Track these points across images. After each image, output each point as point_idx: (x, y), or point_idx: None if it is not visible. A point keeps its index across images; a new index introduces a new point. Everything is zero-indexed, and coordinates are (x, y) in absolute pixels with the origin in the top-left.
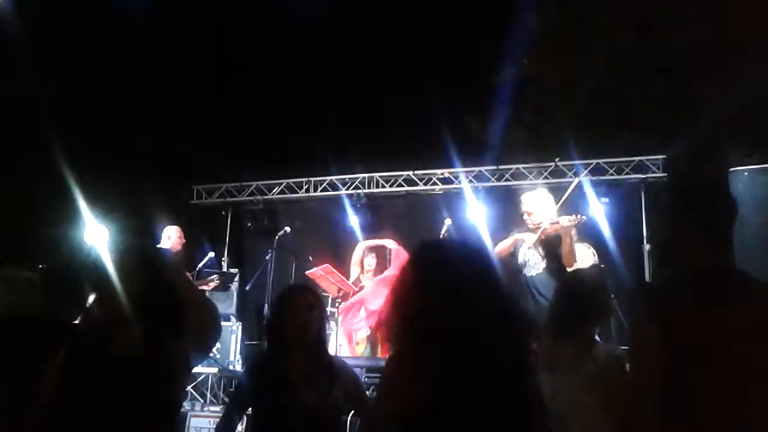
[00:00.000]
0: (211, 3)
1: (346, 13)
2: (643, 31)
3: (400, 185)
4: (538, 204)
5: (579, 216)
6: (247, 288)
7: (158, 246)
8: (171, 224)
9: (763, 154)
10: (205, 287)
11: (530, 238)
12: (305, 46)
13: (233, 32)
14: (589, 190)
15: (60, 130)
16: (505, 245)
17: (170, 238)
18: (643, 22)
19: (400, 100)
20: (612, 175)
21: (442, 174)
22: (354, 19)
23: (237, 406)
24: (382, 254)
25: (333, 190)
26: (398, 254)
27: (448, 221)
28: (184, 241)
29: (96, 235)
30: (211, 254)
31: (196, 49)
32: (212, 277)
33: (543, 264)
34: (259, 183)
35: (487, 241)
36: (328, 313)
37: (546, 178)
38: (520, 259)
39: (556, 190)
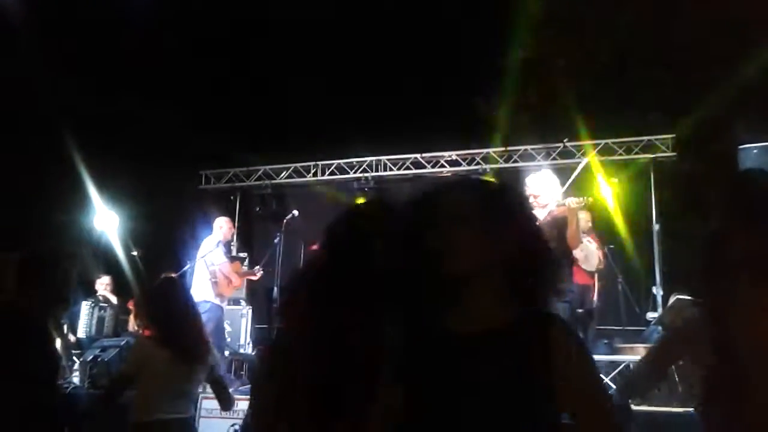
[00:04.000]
0: None
1: None
2: (651, 10)
3: (407, 168)
4: (544, 186)
5: (586, 198)
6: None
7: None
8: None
9: None
10: (252, 277)
11: (540, 214)
12: (312, 31)
13: (239, 20)
14: (597, 170)
15: (70, 117)
16: None
17: (222, 228)
18: (651, 1)
19: (407, 83)
20: (621, 154)
21: (450, 156)
22: (360, 4)
23: None
24: None
25: (340, 174)
26: None
27: None
28: (234, 231)
29: (105, 220)
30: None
31: (204, 36)
32: (257, 267)
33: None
34: (267, 167)
35: None
36: None
37: (554, 159)
38: None
39: (565, 171)
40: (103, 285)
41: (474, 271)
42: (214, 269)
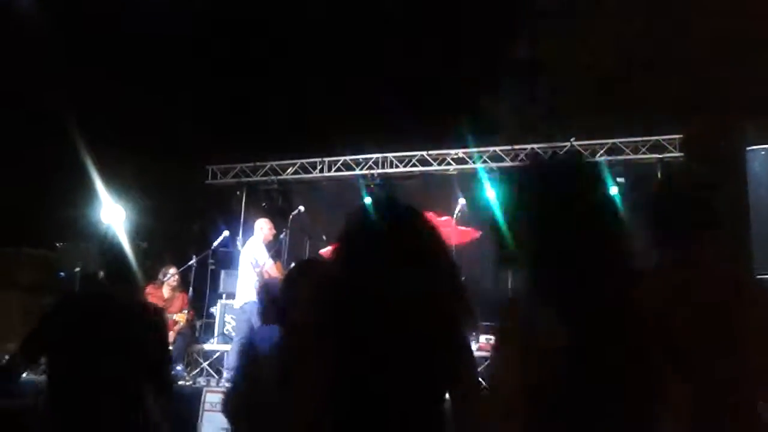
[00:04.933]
0: None
1: None
2: (661, 10)
3: (414, 165)
4: None
5: None
6: None
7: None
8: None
9: None
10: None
11: None
12: (317, 27)
13: (247, 14)
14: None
15: (76, 112)
16: None
17: (263, 229)
18: (661, 1)
19: (414, 79)
20: (628, 154)
21: (456, 154)
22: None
23: None
24: None
25: (347, 170)
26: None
27: (462, 201)
28: (275, 231)
29: (112, 214)
30: (226, 233)
31: (211, 31)
32: None
33: None
34: (273, 163)
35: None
36: None
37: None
38: None
39: None
40: None
41: None
42: (261, 270)
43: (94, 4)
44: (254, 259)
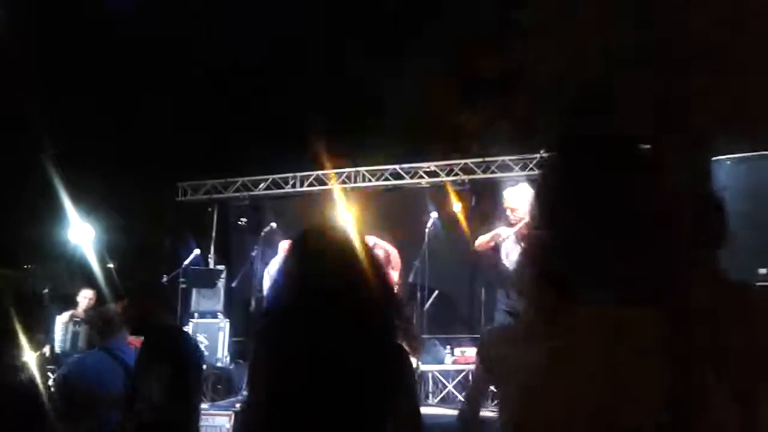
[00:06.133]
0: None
1: (331, 5)
2: (627, 24)
3: (386, 179)
4: (521, 199)
5: None
6: (234, 284)
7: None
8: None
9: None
10: None
11: (509, 232)
12: (289, 40)
13: (215, 28)
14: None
15: (44, 129)
16: (485, 239)
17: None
18: (635, 12)
19: (385, 92)
20: None
21: (428, 167)
22: (338, 11)
23: None
24: None
25: (319, 185)
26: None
27: (434, 215)
28: None
29: (80, 233)
30: (197, 251)
31: (179, 46)
32: None
33: None
34: (245, 179)
35: (468, 234)
36: None
37: (532, 170)
38: (503, 253)
39: None
40: (86, 299)
41: None
42: None
43: (63, 19)
44: None
